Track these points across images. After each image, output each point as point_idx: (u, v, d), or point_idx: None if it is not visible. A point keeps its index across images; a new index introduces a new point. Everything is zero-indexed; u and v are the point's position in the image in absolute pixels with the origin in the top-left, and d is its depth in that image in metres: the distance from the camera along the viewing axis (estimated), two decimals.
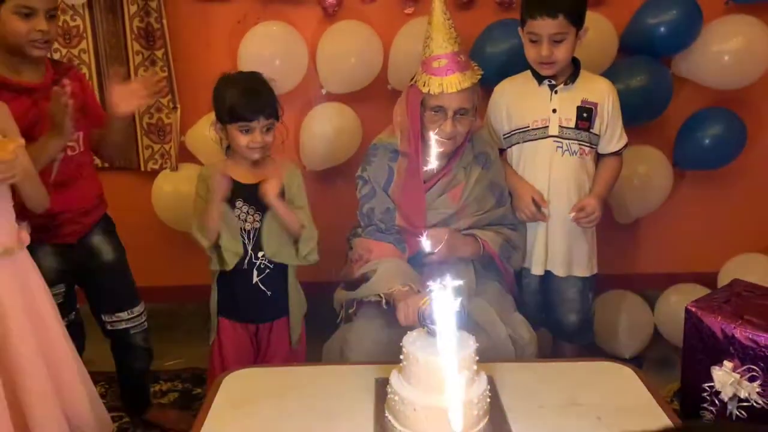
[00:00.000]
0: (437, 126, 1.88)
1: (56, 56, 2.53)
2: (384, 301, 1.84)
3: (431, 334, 1.36)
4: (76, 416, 1.80)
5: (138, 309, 2.20)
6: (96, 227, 2.11)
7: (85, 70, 2.55)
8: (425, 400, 1.31)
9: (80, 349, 2.10)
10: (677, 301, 2.66)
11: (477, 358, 1.37)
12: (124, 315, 2.17)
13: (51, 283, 1.87)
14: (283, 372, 1.67)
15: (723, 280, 2.66)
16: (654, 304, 2.76)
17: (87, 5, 2.51)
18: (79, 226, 2.06)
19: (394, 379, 1.38)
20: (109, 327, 2.18)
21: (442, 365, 1.29)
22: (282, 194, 1.95)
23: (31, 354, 1.70)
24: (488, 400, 1.38)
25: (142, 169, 2.70)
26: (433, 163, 1.94)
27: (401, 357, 1.38)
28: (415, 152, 1.93)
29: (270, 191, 1.87)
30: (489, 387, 1.39)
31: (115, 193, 2.36)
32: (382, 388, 1.45)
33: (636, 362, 2.59)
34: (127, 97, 1.88)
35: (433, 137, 1.88)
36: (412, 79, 1.94)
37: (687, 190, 2.80)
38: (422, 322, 1.38)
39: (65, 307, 2.03)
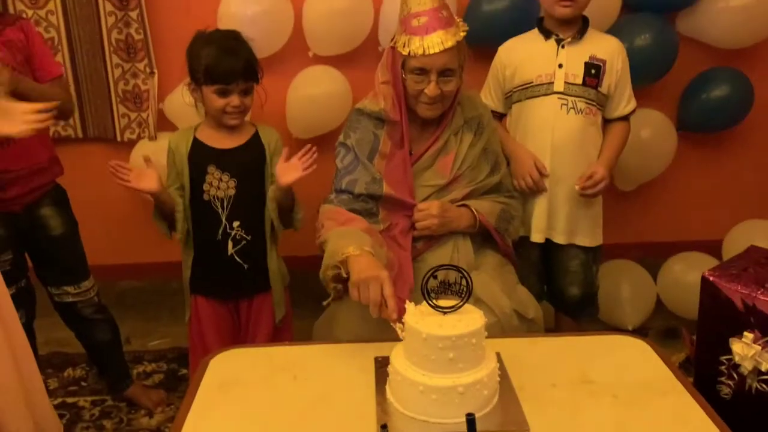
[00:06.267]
0: (420, 89, 1.72)
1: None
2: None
3: (436, 309, 1.25)
4: (38, 412, 1.66)
5: (86, 284, 2.08)
6: (45, 197, 1.97)
7: (53, 32, 2.39)
8: (432, 380, 1.20)
9: (30, 317, 2.00)
10: (681, 270, 2.60)
11: (486, 333, 1.26)
12: (70, 289, 2.05)
13: None
14: (273, 352, 1.55)
15: (728, 247, 2.58)
16: (656, 273, 2.67)
17: None
18: (26, 190, 1.91)
19: (397, 358, 1.28)
20: (56, 299, 2.07)
21: (450, 342, 1.18)
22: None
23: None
24: (497, 378, 1.28)
25: (119, 139, 2.57)
26: (418, 130, 1.80)
27: (402, 335, 1.28)
28: (399, 119, 1.77)
29: (291, 178, 1.80)
30: (499, 365, 1.29)
31: (90, 166, 2.24)
32: (382, 368, 1.34)
33: (640, 334, 2.52)
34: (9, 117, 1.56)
35: (416, 102, 1.74)
36: (392, 39, 1.79)
37: (691, 155, 2.70)
38: (427, 297, 1.27)
39: (14, 275, 1.91)
